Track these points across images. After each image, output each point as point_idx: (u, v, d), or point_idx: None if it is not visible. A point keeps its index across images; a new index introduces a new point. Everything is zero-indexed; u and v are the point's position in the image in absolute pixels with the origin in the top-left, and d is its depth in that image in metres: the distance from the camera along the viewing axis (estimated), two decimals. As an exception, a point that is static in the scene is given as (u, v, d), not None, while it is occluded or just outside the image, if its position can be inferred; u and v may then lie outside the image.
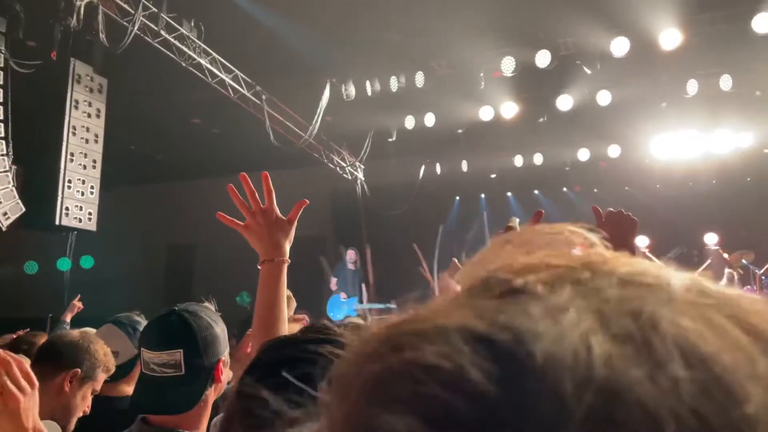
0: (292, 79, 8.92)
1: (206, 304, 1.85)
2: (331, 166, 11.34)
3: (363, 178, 12.14)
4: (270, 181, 1.63)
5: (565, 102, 9.24)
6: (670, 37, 7.69)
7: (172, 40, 7.33)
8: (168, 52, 7.37)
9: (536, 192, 11.82)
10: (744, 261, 8.68)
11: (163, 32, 7.12)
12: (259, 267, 1.61)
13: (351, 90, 9.32)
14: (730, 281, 8.13)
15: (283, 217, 1.64)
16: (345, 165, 11.69)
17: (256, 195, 1.63)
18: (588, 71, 8.46)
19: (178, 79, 8.07)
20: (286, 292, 1.64)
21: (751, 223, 9.45)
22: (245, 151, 9.18)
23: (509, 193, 11.86)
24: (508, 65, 8.47)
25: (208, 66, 7.99)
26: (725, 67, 8.43)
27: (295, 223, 1.65)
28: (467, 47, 8.13)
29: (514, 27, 7.75)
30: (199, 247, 13.44)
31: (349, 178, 11.93)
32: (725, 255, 9.03)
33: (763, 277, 8.43)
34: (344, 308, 9.72)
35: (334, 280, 10.21)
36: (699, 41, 7.75)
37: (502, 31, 7.78)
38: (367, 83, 9.25)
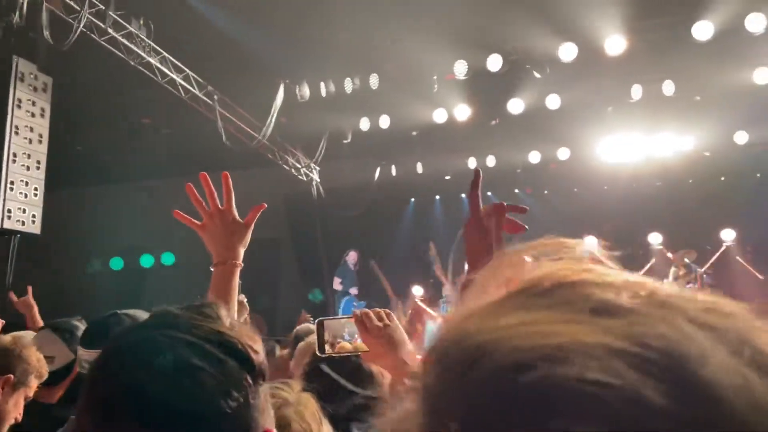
0: (245, 80, 8.82)
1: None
2: (286, 167, 11.25)
3: (318, 180, 12.09)
4: (230, 183, 1.63)
5: (516, 105, 9.41)
6: (615, 43, 7.93)
7: (120, 38, 7.15)
8: (116, 51, 7.19)
9: (489, 194, 12.00)
10: (686, 260, 9.01)
11: (110, 30, 6.95)
12: (211, 269, 1.60)
13: (305, 91, 9.28)
14: (676, 279, 8.44)
15: (240, 220, 1.63)
16: (300, 166, 11.62)
17: (215, 195, 1.62)
18: (538, 76, 8.65)
19: (126, 79, 7.88)
20: (237, 296, 1.63)
21: (693, 223, 9.81)
22: (197, 152, 9.01)
23: (463, 195, 12.01)
24: (460, 69, 8.59)
25: (158, 65, 7.83)
26: (667, 72, 8.72)
27: (252, 227, 1.65)
28: (421, 50, 8.20)
29: (466, 31, 7.86)
30: (147, 251, 13.12)
31: (304, 179, 11.86)
32: (669, 254, 9.36)
33: (705, 276, 8.77)
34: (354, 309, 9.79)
35: (337, 280, 10.39)
36: (643, 47, 8.01)
37: (454, 35, 7.88)
38: (322, 84, 9.22)
